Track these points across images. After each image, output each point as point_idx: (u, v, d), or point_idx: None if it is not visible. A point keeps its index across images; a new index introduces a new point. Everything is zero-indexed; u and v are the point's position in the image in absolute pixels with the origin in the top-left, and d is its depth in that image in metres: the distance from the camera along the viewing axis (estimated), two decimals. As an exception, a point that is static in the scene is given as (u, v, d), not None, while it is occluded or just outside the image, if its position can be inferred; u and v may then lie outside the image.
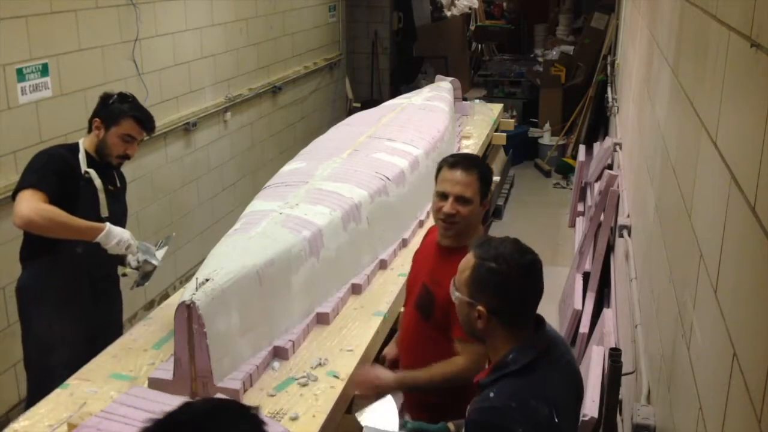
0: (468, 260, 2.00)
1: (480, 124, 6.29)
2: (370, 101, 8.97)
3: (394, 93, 8.90)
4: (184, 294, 2.44)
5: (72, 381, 2.57)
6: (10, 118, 3.94)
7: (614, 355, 2.71)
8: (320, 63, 8.47)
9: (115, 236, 2.96)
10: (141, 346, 2.79)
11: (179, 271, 5.70)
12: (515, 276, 1.91)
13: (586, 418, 3.26)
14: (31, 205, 2.83)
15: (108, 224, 2.97)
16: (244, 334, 2.58)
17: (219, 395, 2.37)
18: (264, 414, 2.32)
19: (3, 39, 3.87)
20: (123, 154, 3.17)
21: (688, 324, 1.85)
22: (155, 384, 2.48)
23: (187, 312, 2.37)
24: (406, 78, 10.40)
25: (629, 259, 3.51)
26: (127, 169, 4.95)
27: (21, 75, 3.99)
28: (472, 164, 2.64)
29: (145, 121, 3.18)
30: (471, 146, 5.60)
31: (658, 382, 2.32)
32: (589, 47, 9.31)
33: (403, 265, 3.54)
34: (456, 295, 2.01)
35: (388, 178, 3.69)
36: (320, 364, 2.67)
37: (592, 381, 3.55)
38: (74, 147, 3.13)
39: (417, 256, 2.87)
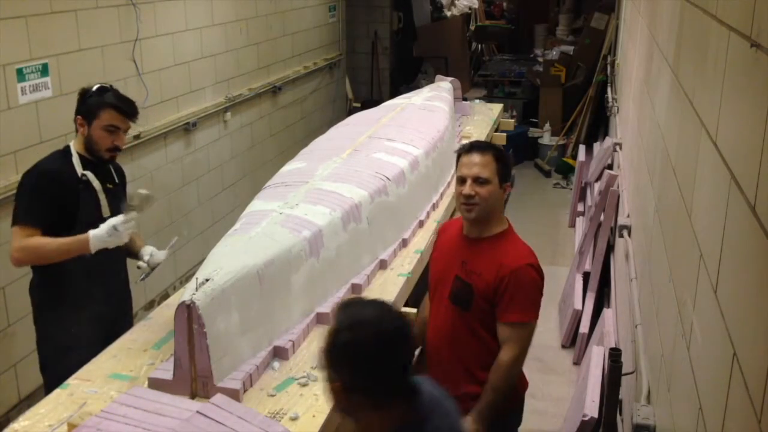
0: (330, 326, 1.75)
1: (480, 124, 6.28)
2: (370, 101, 8.98)
3: (394, 93, 8.91)
4: (184, 294, 2.44)
5: (72, 381, 2.57)
6: (10, 118, 3.94)
7: (614, 355, 2.71)
8: (320, 63, 8.48)
9: (101, 235, 2.91)
10: (141, 346, 2.79)
11: (179, 271, 5.70)
12: (371, 346, 1.63)
13: (586, 418, 3.26)
14: (16, 245, 2.91)
15: (89, 232, 2.91)
16: (244, 334, 2.58)
17: (219, 395, 2.37)
18: (264, 414, 2.32)
19: (3, 39, 3.87)
20: (112, 146, 3.08)
21: (688, 324, 1.85)
22: (155, 384, 2.48)
23: (187, 312, 2.37)
24: (406, 78, 10.40)
25: (629, 259, 3.51)
26: (127, 169, 4.97)
27: (21, 75, 3.99)
28: (487, 146, 2.75)
29: (124, 108, 3.07)
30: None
31: (658, 382, 2.32)
32: (589, 47, 9.31)
33: (402, 265, 3.54)
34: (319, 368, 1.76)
35: (388, 178, 3.69)
36: (320, 364, 2.67)
37: (592, 381, 3.56)
38: (67, 151, 3.09)
39: (437, 255, 2.94)
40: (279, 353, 2.71)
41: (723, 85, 1.68)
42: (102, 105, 3.03)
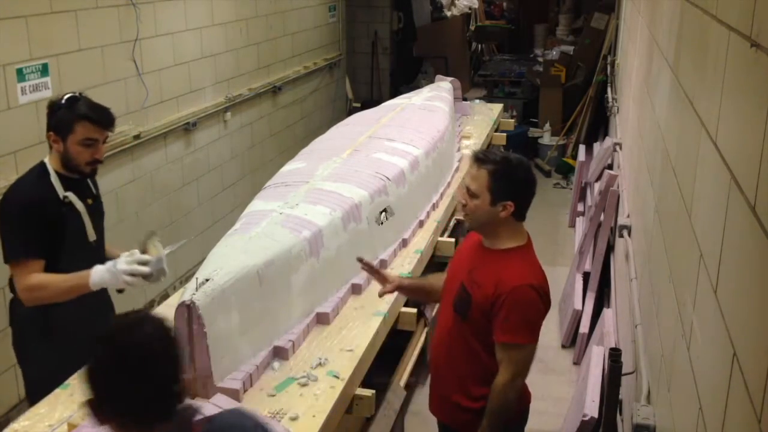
0: None
1: (480, 124, 6.29)
2: (370, 101, 8.97)
3: (394, 93, 8.90)
4: (184, 294, 2.44)
5: (72, 381, 2.57)
6: (10, 118, 3.94)
7: (614, 355, 2.71)
8: (320, 63, 8.47)
9: (103, 275, 2.73)
10: (141, 346, 2.79)
11: (179, 271, 5.69)
12: (113, 362, 1.54)
13: (587, 418, 3.26)
14: (22, 285, 2.77)
15: (90, 271, 2.74)
16: (244, 334, 2.58)
17: (219, 395, 2.37)
18: (264, 414, 2.32)
19: (3, 39, 3.87)
20: (91, 159, 2.86)
21: (688, 324, 1.85)
22: (155, 384, 2.48)
23: (187, 312, 2.37)
24: (406, 78, 10.40)
25: (629, 259, 3.51)
26: (127, 168, 4.99)
27: (21, 75, 3.99)
28: (487, 160, 2.58)
29: (99, 119, 2.83)
30: (471, 146, 5.61)
31: (658, 382, 2.32)
32: (589, 47, 9.31)
33: (402, 265, 3.54)
34: None
35: (388, 178, 3.69)
36: (320, 364, 2.67)
37: (592, 381, 3.56)
38: (44, 170, 2.86)
39: (456, 256, 2.87)
40: (279, 353, 2.71)
41: (723, 85, 1.68)
42: (75, 118, 2.79)
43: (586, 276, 5.14)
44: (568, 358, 4.92)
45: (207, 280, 2.46)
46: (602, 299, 4.99)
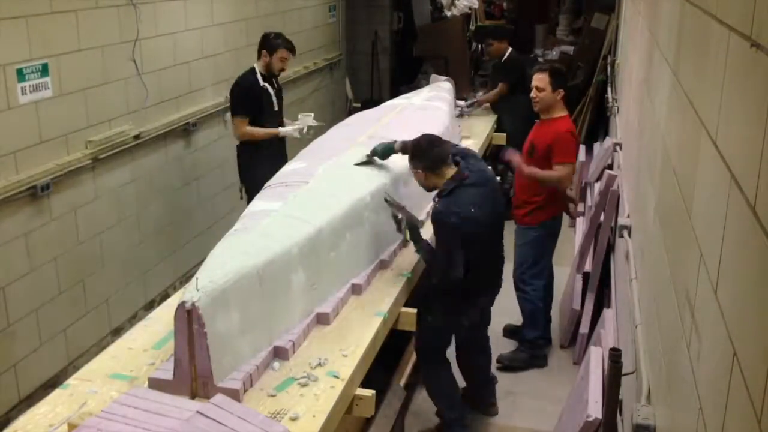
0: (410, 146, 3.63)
1: (480, 124, 6.28)
2: (370, 101, 8.96)
3: (394, 93, 8.90)
4: (184, 294, 2.44)
5: (72, 381, 2.58)
6: (10, 118, 3.94)
7: (614, 355, 2.71)
8: (320, 63, 8.47)
9: (287, 129, 5.37)
10: (141, 346, 2.79)
11: (179, 271, 5.70)
12: (425, 147, 3.50)
13: (591, 419, 3.26)
14: (241, 131, 5.24)
15: (279, 129, 5.34)
16: (244, 334, 2.58)
17: (219, 395, 2.37)
18: (264, 414, 2.33)
19: (3, 39, 3.87)
20: (281, 69, 5.38)
21: (688, 324, 1.85)
22: (155, 384, 2.49)
23: (187, 312, 2.37)
24: (406, 78, 10.39)
25: (629, 259, 3.51)
26: (127, 168, 4.99)
27: (21, 75, 3.99)
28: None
29: (291, 48, 5.34)
30: (471, 146, 5.59)
31: (658, 382, 2.32)
32: (589, 47, 9.31)
33: (402, 265, 3.54)
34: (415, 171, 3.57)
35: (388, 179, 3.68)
36: (320, 364, 2.67)
37: (593, 381, 3.55)
38: (253, 71, 5.29)
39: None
40: (279, 353, 2.71)
41: (723, 85, 1.68)
42: (279, 45, 5.25)
43: (586, 276, 5.14)
44: (567, 358, 4.92)
45: (207, 280, 2.46)
46: (602, 299, 4.99)
